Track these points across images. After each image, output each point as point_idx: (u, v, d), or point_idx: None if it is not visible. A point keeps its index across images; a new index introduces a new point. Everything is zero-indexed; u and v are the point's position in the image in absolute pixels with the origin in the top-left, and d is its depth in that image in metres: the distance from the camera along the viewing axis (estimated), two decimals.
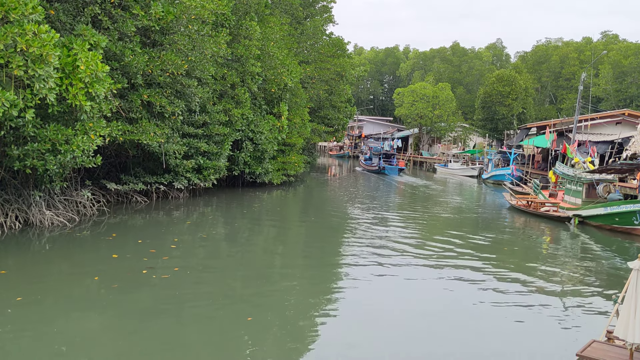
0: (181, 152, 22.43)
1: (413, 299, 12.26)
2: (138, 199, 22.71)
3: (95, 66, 14.48)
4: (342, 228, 21.27)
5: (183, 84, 21.10)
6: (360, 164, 63.43)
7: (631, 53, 67.94)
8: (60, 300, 10.64)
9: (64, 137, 14.75)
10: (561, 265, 16.98)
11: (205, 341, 9.07)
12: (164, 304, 10.65)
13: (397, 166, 54.16)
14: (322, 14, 47.90)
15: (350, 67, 49.51)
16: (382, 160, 55.44)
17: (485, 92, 66.92)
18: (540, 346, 9.82)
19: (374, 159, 57.56)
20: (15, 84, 13.25)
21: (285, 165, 33.29)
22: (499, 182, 45.78)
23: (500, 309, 11.99)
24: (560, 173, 30.64)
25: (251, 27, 27.19)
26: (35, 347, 8.38)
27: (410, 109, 74.60)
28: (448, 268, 15.09)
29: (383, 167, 53.45)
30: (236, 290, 12.16)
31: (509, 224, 25.62)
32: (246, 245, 17.27)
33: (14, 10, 12.73)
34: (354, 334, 9.96)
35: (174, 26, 20.60)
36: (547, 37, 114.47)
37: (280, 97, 30.79)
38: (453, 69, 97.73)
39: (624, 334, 6.97)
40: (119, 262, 13.41)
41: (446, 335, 10.11)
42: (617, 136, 39.52)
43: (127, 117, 19.99)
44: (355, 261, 15.32)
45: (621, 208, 22.97)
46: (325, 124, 46.16)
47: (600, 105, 64.74)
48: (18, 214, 16.67)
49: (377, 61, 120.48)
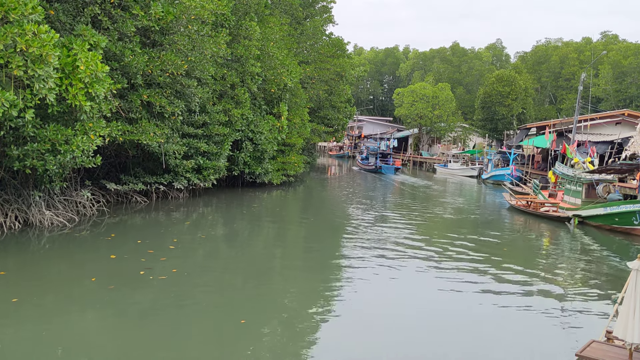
0: (181, 152, 22.43)
1: (412, 300, 12.26)
2: (138, 199, 22.71)
3: (95, 66, 14.48)
4: (341, 229, 21.27)
5: (183, 84, 21.10)
6: (357, 163, 64.27)
7: (631, 53, 67.95)
8: (56, 301, 10.62)
9: (64, 137, 14.75)
10: (561, 265, 16.99)
11: (201, 343, 9.07)
12: (161, 306, 10.63)
13: (393, 165, 55.14)
14: (321, 14, 47.92)
15: (350, 67, 49.52)
16: (378, 160, 56.43)
17: (485, 92, 66.92)
18: (540, 346, 9.82)
19: (370, 158, 58.51)
20: (15, 84, 13.25)
21: (285, 165, 33.29)
22: (499, 182, 45.79)
23: (500, 309, 11.99)
24: (560, 173, 30.65)
25: (251, 28, 27.19)
26: (30, 348, 8.37)
27: (410, 109, 74.60)
28: (447, 268, 15.09)
29: (380, 166, 54.37)
30: (234, 291, 12.16)
31: (508, 224, 25.62)
32: (245, 246, 17.27)
33: (14, 10, 12.72)
34: (353, 336, 9.95)
35: (174, 26, 20.60)
36: (547, 38, 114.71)
37: (280, 97, 30.79)
38: (453, 69, 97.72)
39: (623, 334, 6.97)
40: (117, 262, 13.40)
41: (445, 336, 10.10)
42: (617, 136, 39.54)
43: (126, 117, 19.99)
44: (354, 262, 15.31)
45: (621, 208, 22.98)
46: (325, 124, 46.17)
47: (600, 106, 64.75)
48: (18, 214, 16.67)
49: (377, 61, 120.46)
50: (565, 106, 71.56)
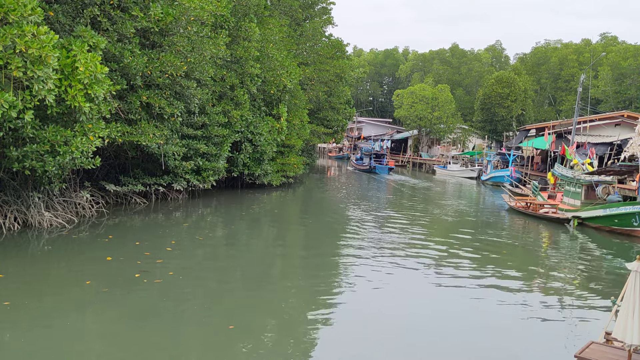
0: (180, 153, 22.42)
1: (412, 302, 12.26)
2: (137, 201, 22.70)
3: (94, 67, 14.47)
4: (340, 231, 21.27)
5: (182, 85, 21.09)
6: (351, 163, 65.86)
7: (630, 55, 67.98)
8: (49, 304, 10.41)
9: (63, 138, 14.73)
10: (560, 266, 16.99)
11: (198, 345, 9.06)
12: (156, 308, 10.52)
13: (387, 165, 56.66)
14: (321, 15, 47.93)
15: (349, 68, 49.48)
16: (372, 160, 58.05)
17: (484, 93, 66.94)
18: (539, 347, 9.82)
19: (364, 159, 60.26)
20: (14, 85, 13.25)
21: (284, 166, 33.27)
22: (498, 183, 45.82)
23: (498, 310, 11.99)
24: (559, 175, 30.66)
25: (250, 29, 27.20)
26: (19, 351, 8.35)
27: (409, 110, 74.57)
28: (446, 270, 15.09)
29: (374, 166, 55.99)
30: (231, 293, 12.14)
31: (508, 225, 25.62)
32: (243, 248, 17.26)
33: (13, 11, 12.72)
34: (352, 337, 9.94)
35: (173, 27, 20.60)
36: (546, 39, 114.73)
37: (280, 99, 30.79)
38: (452, 71, 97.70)
39: (622, 335, 6.97)
40: (114, 264, 13.35)
41: (445, 337, 10.09)
42: (616, 138, 39.58)
43: (126, 118, 19.98)
44: (353, 265, 15.30)
45: (620, 210, 22.99)
46: (325, 125, 46.15)
47: (600, 107, 64.78)
48: (17, 215, 16.65)
49: (377, 63, 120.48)
50: (564, 107, 71.58)
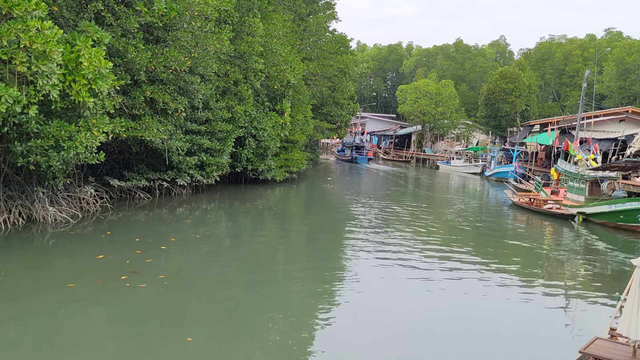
0: (184, 148, 22.44)
1: (414, 299, 12.25)
2: (141, 196, 22.75)
3: (98, 62, 14.49)
4: (343, 227, 21.27)
5: (186, 80, 21.10)
6: (334, 154, 75.54)
7: (635, 50, 67.57)
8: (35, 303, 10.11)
9: (67, 133, 14.76)
10: (565, 262, 16.96)
11: (196, 345, 9.09)
12: (153, 310, 10.42)
13: (366, 156, 65.55)
14: (325, 10, 47.85)
15: (353, 64, 49.39)
16: (353, 151, 66.51)
17: (488, 89, 66.69)
18: (544, 343, 9.81)
19: (346, 150, 69.05)
20: (18, 80, 13.27)
21: (287, 162, 33.28)
22: (502, 179, 45.69)
23: (503, 306, 11.98)
24: (563, 170, 30.54)
25: (254, 24, 27.15)
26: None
27: (413, 106, 74.35)
28: (450, 265, 15.07)
29: (355, 157, 64.95)
30: (233, 292, 12.16)
31: (511, 221, 25.57)
32: (246, 244, 17.26)
33: (17, 6, 12.73)
34: (352, 338, 9.95)
35: (177, 23, 20.59)
36: (551, 34, 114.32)
37: (283, 94, 30.76)
38: (456, 66, 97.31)
39: (627, 331, 6.96)
40: (112, 264, 13.25)
41: (448, 332, 10.09)
42: (621, 133, 39.39)
43: (130, 113, 20.00)
44: (355, 263, 15.27)
45: (626, 205, 22.90)
46: (328, 120, 46.15)
47: (604, 103, 64.50)
48: (21, 210, 16.71)
49: (380, 58, 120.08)
50: (568, 103, 71.27)
